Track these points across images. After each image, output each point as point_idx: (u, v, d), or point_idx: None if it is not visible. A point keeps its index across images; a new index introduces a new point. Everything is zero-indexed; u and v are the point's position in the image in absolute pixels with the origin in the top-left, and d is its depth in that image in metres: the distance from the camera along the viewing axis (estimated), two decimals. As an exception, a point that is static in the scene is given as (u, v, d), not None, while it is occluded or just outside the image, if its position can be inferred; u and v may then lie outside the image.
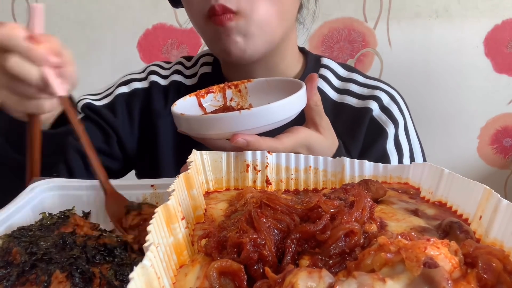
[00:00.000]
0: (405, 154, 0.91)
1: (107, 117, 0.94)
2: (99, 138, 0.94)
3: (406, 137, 0.93)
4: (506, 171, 1.85)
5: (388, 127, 0.90)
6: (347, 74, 0.99)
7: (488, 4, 1.64)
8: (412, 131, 0.95)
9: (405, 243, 0.34)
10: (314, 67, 0.98)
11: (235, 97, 0.76)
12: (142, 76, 1.02)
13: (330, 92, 0.95)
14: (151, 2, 1.74)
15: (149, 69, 1.02)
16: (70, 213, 0.62)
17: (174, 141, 0.96)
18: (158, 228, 0.39)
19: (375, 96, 0.93)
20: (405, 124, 0.94)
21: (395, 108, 0.93)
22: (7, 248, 0.51)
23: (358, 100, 0.93)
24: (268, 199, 0.44)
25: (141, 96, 0.98)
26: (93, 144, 0.91)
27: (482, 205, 0.46)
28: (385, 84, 0.97)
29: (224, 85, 0.76)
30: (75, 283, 0.47)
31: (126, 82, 1.00)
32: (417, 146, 0.94)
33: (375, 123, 0.91)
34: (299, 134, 0.66)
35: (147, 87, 0.99)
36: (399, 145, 0.91)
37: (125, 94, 0.98)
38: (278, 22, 0.82)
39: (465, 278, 0.33)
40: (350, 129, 0.91)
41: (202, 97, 0.74)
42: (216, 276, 0.38)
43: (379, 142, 0.89)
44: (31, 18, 0.59)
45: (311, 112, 0.69)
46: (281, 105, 0.60)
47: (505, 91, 1.74)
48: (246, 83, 0.76)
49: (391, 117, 0.91)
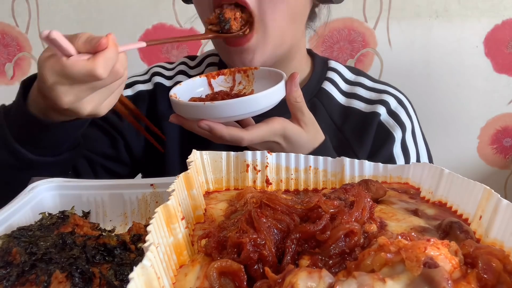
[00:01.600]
0: (412, 158, 0.91)
1: (112, 121, 0.94)
2: (105, 144, 0.93)
3: (413, 141, 0.93)
4: (506, 171, 1.84)
5: (395, 132, 0.90)
6: (354, 78, 0.99)
7: (488, 4, 1.64)
8: (419, 135, 0.95)
9: (405, 243, 0.34)
10: (322, 70, 0.98)
11: (243, 81, 0.83)
12: (145, 78, 1.01)
13: (338, 96, 0.95)
14: (151, 2, 1.74)
15: (152, 70, 1.02)
16: (69, 213, 0.62)
17: (180, 142, 0.95)
18: (158, 228, 0.39)
19: (383, 101, 0.93)
20: (413, 128, 0.94)
21: (403, 112, 0.93)
22: (7, 248, 0.51)
23: (366, 104, 0.94)
24: (268, 199, 0.44)
25: (146, 98, 0.98)
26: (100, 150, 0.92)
27: (482, 205, 0.46)
28: (393, 88, 0.97)
29: (235, 69, 0.84)
30: (75, 283, 0.47)
31: (129, 85, 0.99)
32: (423, 150, 0.94)
33: (383, 127, 0.91)
34: (273, 125, 0.71)
35: (151, 89, 0.99)
36: (406, 149, 0.91)
37: (129, 97, 0.98)
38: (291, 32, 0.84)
39: (465, 278, 0.33)
40: (358, 134, 0.91)
41: (213, 77, 0.83)
42: (216, 276, 0.37)
43: (386, 146, 0.89)
44: (58, 46, 0.59)
45: (293, 108, 0.74)
46: (239, 102, 0.68)
47: (505, 91, 1.74)
48: (253, 69, 0.83)
49: (398, 122, 0.91)
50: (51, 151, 0.73)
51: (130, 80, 1.01)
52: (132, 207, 0.67)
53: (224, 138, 0.69)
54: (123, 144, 0.95)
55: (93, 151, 0.91)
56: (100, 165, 0.93)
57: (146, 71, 1.03)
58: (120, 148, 0.95)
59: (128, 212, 0.67)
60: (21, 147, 0.70)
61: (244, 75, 0.83)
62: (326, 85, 0.95)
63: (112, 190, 0.67)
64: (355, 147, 0.90)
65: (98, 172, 0.93)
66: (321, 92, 0.94)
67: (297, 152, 0.73)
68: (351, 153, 0.89)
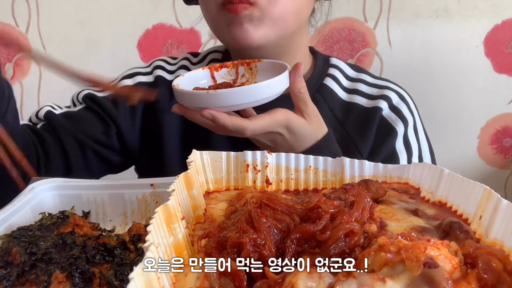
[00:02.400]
0: (414, 153, 0.91)
1: (108, 108, 0.94)
2: (98, 128, 0.93)
3: (415, 136, 0.93)
4: (506, 171, 1.84)
5: (397, 126, 0.90)
6: (355, 75, 0.99)
7: (488, 4, 1.64)
8: (421, 130, 0.96)
9: (405, 244, 0.34)
10: (323, 66, 0.98)
11: (247, 74, 0.83)
12: (147, 70, 1.01)
13: (339, 92, 0.96)
14: (151, 2, 1.74)
15: (155, 63, 1.02)
16: (69, 213, 0.62)
17: (179, 137, 0.95)
18: (158, 228, 0.39)
19: (385, 96, 0.93)
20: (414, 123, 0.94)
21: (405, 107, 0.93)
22: (7, 248, 0.51)
23: (368, 100, 0.94)
24: (268, 199, 0.44)
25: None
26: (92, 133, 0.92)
27: (482, 205, 0.46)
28: (394, 84, 0.98)
29: (238, 62, 0.83)
30: (75, 283, 0.47)
31: (130, 76, 0.99)
32: (425, 145, 0.94)
33: (385, 122, 0.91)
34: (276, 116, 0.70)
35: (152, 81, 0.98)
36: (408, 144, 0.91)
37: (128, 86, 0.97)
38: (293, 19, 0.83)
39: (466, 278, 0.33)
40: (360, 129, 0.91)
41: (216, 70, 0.82)
42: (216, 276, 0.38)
43: (388, 141, 0.89)
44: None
45: (296, 99, 0.73)
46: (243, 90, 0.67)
47: (505, 91, 1.73)
48: (256, 62, 0.82)
49: (400, 116, 0.91)
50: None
51: (131, 71, 1.01)
52: (132, 207, 0.67)
53: (227, 127, 0.68)
54: (116, 132, 0.95)
55: (85, 134, 0.91)
56: (91, 149, 0.92)
57: (149, 64, 1.03)
58: (112, 135, 0.94)
59: (128, 212, 0.67)
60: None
61: (247, 68, 0.83)
62: (327, 81, 0.96)
63: (112, 190, 0.67)
64: (357, 142, 0.90)
65: (88, 157, 0.92)
66: (322, 88, 0.95)
67: (300, 144, 0.74)
68: (353, 148, 0.89)
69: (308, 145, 0.74)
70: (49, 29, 1.79)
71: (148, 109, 0.97)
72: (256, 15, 0.79)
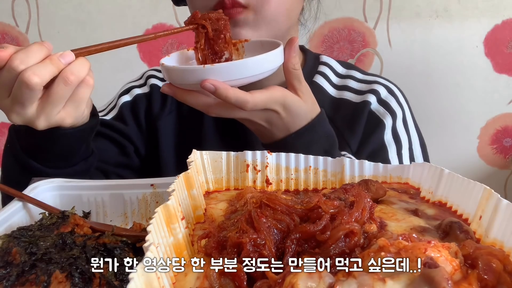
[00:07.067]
0: (404, 145, 0.91)
1: (119, 128, 0.95)
2: (115, 152, 0.94)
3: (404, 129, 0.93)
4: (506, 171, 1.84)
5: (385, 119, 0.91)
6: (345, 72, 1.00)
7: (488, 4, 1.64)
8: (411, 123, 0.96)
9: (405, 245, 0.34)
10: (314, 64, 0.99)
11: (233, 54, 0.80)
12: (141, 82, 1.03)
13: (329, 89, 0.96)
14: (151, 2, 1.74)
15: (147, 74, 1.04)
16: (70, 213, 0.62)
17: (174, 141, 0.97)
18: (158, 228, 0.39)
19: (373, 90, 0.94)
20: (404, 116, 0.94)
21: (393, 100, 0.94)
22: (7, 248, 0.51)
23: (357, 95, 0.95)
24: (268, 199, 0.44)
25: (144, 101, 1.00)
26: (112, 159, 0.92)
27: (482, 205, 0.46)
28: (383, 79, 0.99)
29: None
30: (75, 283, 0.47)
31: (127, 91, 1.02)
32: (415, 138, 0.95)
33: (373, 115, 0.92)
34: (274, 92, 0.69)
35: (148, 91, 1.01)
36: (397, 136, 0.91)
37: (128, 102, 0.99)
38: (284, 19, 0.83)
39: (466, 279, 0.33)
40: (349, 123, 0.92)
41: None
42: (216, 276, 0.38)
43: (376, 133, 0.90)
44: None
45: (290, 76, 0.72)
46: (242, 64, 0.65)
47: (505, 91, 1.73)
48: (243, 42, 0.80)
49: (389, 110, 0.92)
50: (62, 163, 0.73)
51: (127, 86, 1.03)
52: (132, 207, 0.67)
53: (229, 99, 0.65)
54: (133, 150, 0.96)
55: (106, 162, 0.91)
56: (115, 174, 0.93)
57: (141, 76, 1.05)
58: (131, 153, 0.96)
59: (128, 212, 0.67)
60: (32, 161, 0.71)
61: (234, 49, 0.79)
62: (317, 78, 0.96)
63: (113, 190, 0.67)
64: (347, 136, 0.90)
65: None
66: (312, 85, 0.94)
67: (295, 123, 0.73)
68: (343, 142, 0.89)
69: (302, 124, 0.73)
70: (49, 29, 1.79)
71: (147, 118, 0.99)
72: (251, 19, 0.79)
